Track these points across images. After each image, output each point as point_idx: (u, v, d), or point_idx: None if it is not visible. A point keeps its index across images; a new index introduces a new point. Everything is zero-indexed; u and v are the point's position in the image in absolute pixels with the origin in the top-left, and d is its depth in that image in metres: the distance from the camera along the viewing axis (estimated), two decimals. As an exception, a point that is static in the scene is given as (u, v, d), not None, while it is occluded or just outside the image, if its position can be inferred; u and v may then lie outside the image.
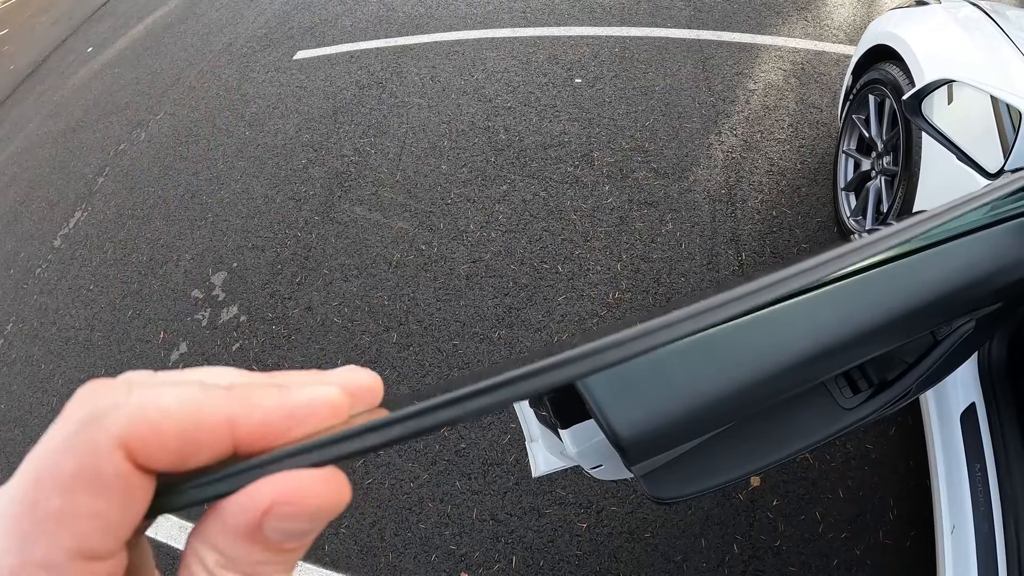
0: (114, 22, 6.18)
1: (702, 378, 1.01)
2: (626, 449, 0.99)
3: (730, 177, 3.12)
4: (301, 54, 4.52)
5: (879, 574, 2.14)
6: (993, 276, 1.25)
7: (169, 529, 2.32)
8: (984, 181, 1.82)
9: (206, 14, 5.61)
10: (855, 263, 0.82)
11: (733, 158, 3.22)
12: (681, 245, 2.83)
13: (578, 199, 3.05)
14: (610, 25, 4.15)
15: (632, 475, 1.30)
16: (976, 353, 1.93)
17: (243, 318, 2.90)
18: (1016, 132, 1.70)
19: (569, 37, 4.10)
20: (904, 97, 1.87)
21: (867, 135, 2.65)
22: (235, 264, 3.13)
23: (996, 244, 1.28)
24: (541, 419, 1.30)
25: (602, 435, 1.03)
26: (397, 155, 3.39)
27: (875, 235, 0.74)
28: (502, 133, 3.42)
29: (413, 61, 4.06)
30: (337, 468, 0.25)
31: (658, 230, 2.89)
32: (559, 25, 4.21)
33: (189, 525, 2.30)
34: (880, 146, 2.55)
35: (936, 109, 1.89)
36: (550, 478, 2.28)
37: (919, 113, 1.85)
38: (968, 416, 1.94)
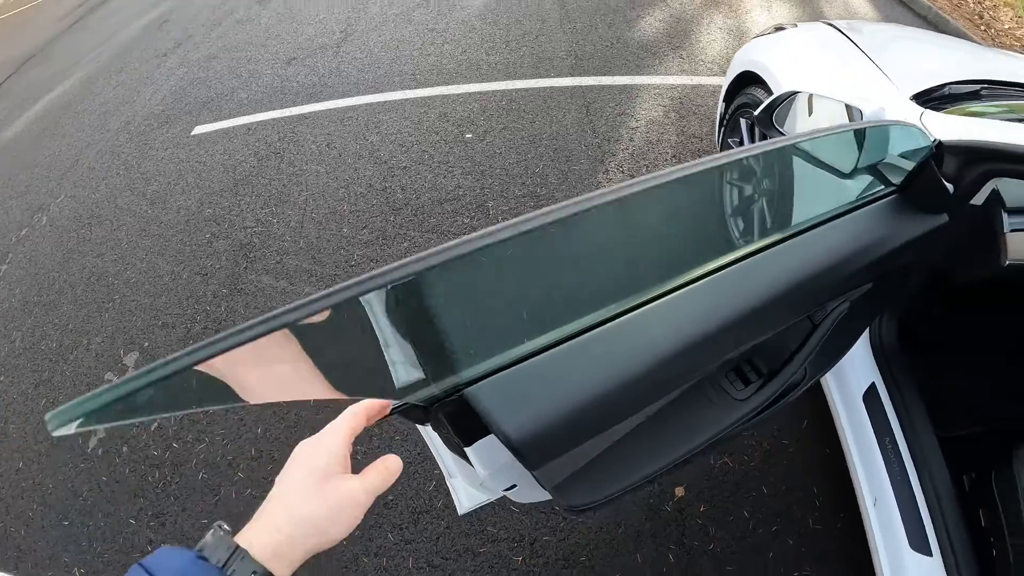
0: (9, 103, 6.13)
1: (583, 379, 1.06)
2: (520, 450, 1.03)
3: (618, 214, 3.33)
4: (199, 129, 4.60)
5: (816, 559, 2.20)
6: (853, 258, 1.36)
7: None
8: (841, 181, 2.05)
9: (103, 93, 5.63)
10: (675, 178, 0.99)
11: (620, 195, 3.43)
12: (575, 284, 3.01)
13: (475, 249, 3.20)
14: (496, 80, 4.37)
15: (549, 496, 1.33)
16: (869, 336, 2.03)
17: (159, 396, 2.93)
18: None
19: (458, 95, 4.30)
20: (756, 113, 2.02)
21: (745, 155, 2.83)
22: (146, 343, 3.17)
23: (854, 228, 1.40)
24: (449, 445, 1.26)
25: (508, 451, 1.07)
26: (299, 223, 3.50)
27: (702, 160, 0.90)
28: (399, 193, 3.57)
29: (309, 129, 4.18)
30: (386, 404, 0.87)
31: (552, 272, 3.06)
32: (447, 84, 4.41)
33: None
34: None
35: (799, 121, 2.04)
36: (479, 517, 2.33)
37: (772, 125, 2.00)
38: (870, 395, 2.03)
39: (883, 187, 1.49)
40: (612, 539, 2.25)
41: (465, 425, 1.07)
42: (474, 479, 1.38)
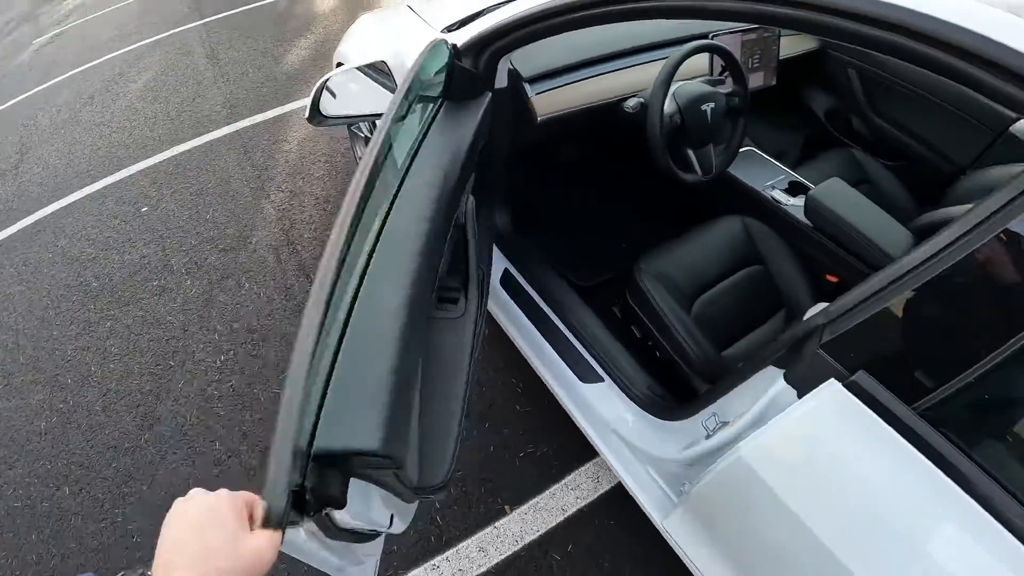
0: None
1: (371, 357, 1.08)
2: (388, 455, 0.99)
3: (285, 224, 3.78)
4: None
5: (535, 435, 2.48)
6: (450, 170, 1.51)
7: None
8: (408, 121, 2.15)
9: None
10: None
11: (283, 209, 3.88)
12: (261, 296, 3.43)
13: (168, 302, 3.55)
14: (161, 151, 4.71)
15: (413, 503, 1.37)
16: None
17: (-66, 547, 3.12)
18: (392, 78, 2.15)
19: (129, 176, 4.60)
20: (306, 117, 2.16)
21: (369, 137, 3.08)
22: (-93, 505, 3.33)
23: (433, 148, 1.56)
24: (328, 532, 1.07)
25: (367, 486, 1.09)
26: (15, 343, 3.70)
27: None
28: (93, 282, 3.83)
29: (4, 255, 4.30)
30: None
31: (238, 293, 3.47)
32: (119, 169, 4.68)
33: None
34: None
35: (352, 100, 2.20)
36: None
37: (322, 118, 2.11)
38: (507, 279, 2.28)
39: (437, 102, 1.71)
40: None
41: (323, 493, 1.00)
42: (353, 556, 1.26)
